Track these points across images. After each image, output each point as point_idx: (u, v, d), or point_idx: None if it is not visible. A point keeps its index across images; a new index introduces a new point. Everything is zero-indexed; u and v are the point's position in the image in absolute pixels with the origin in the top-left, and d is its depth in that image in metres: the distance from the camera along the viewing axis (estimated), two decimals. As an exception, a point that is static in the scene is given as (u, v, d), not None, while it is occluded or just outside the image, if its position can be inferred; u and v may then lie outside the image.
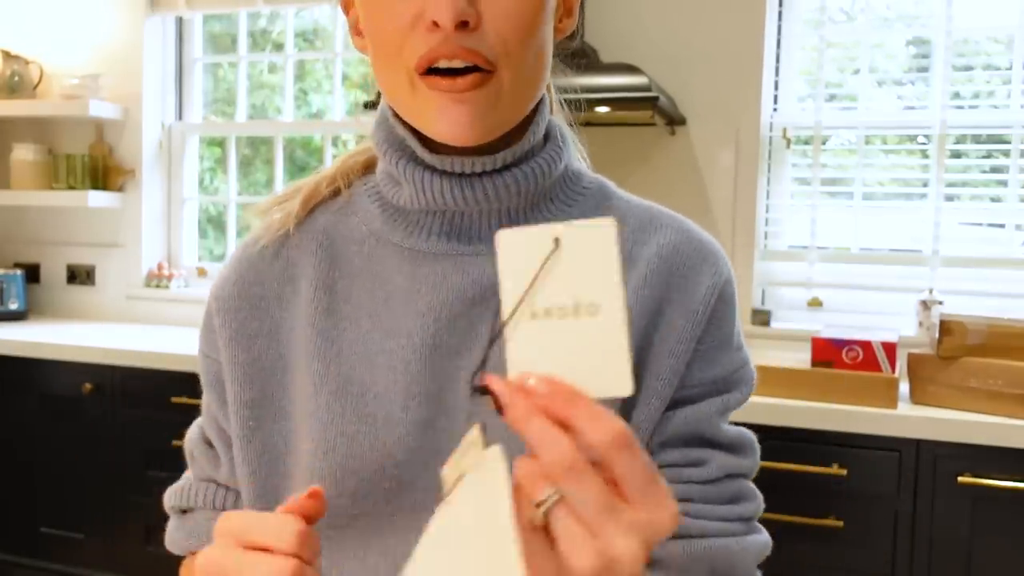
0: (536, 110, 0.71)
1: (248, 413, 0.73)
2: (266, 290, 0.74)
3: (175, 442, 2.82)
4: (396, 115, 0.71)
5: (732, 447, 0.71)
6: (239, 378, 0.73)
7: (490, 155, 0.68)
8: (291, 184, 0.79)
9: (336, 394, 0.69)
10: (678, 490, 0.68)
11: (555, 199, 0.72)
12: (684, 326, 0.69)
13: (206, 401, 0.78)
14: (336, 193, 0.77)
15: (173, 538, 0.83)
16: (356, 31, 0.71)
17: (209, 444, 0.79)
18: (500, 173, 0.68)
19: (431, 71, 0.63)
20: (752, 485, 0.74)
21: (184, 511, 0.82)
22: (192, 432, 0.81)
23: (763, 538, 0.72)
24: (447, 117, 0.64)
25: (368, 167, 0.78)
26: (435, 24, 0.60)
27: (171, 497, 0.83)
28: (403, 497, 0.68)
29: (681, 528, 0.63)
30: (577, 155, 0.78)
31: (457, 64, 0.62)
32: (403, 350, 0.69)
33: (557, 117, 0.78)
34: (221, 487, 0.79)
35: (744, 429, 0.74)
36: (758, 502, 0.73)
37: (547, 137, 0.73)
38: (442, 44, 0.61)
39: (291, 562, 0.50)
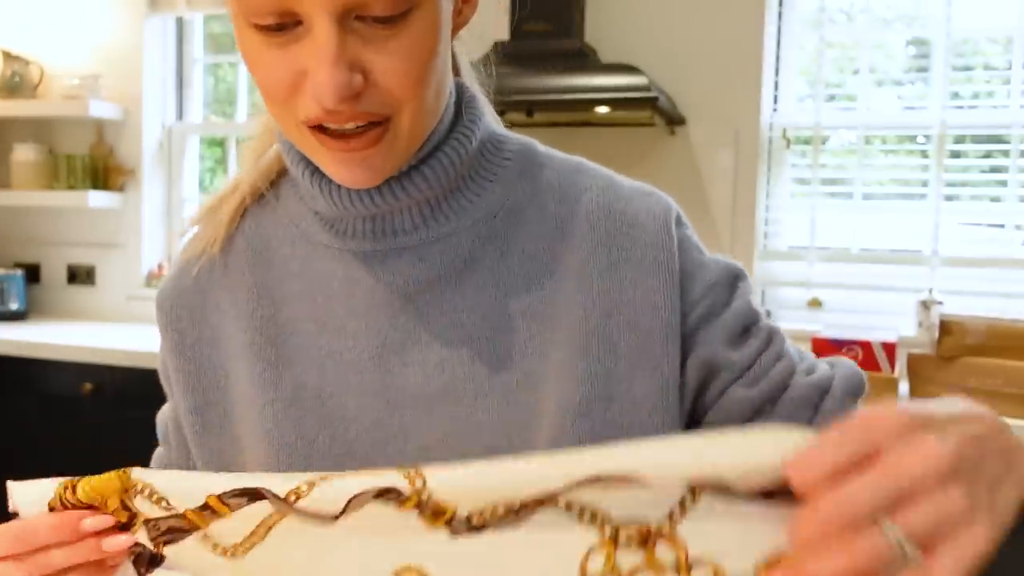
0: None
1: (193, 419, 0.73)
2: (205, 299, 0.74)
3: (175, 442, 2.80)
4: None
5: (767, 338, 0.70)
6: (183, 386, 0.73)
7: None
8: (217, 193, 0.77)
9: (292, 400, 0.68)
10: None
11: (476, 176, 0.69)
12: (657, 287, 0.67)
13: (168, 401, 0.80)
14: (260, 195, 0.75)
15: None
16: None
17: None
18: (410, 171, 0.66)
19: (319, 130, 0.59)
20: (788, 347, 0.73)
21: None
22: (163, 414, 0.82)
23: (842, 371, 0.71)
24: (344, 171, 0.62)
25: (283, 170, 0.75)
26: (323, 108, 0.57)
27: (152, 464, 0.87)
28: None
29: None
30: (494, 119, 0.74)
31: (348, 127, 0.59)
32: (350, 351, 0.68)
33: (467, 80, 0.72)
34: (178, 467, 0.81)
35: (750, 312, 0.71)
36: (794, 351, 0.73)
37: (457, 109, 0.69)
38: (329, 114, 0.57)
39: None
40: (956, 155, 2.57)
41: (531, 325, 0.67)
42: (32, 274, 3.41)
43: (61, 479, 0.62)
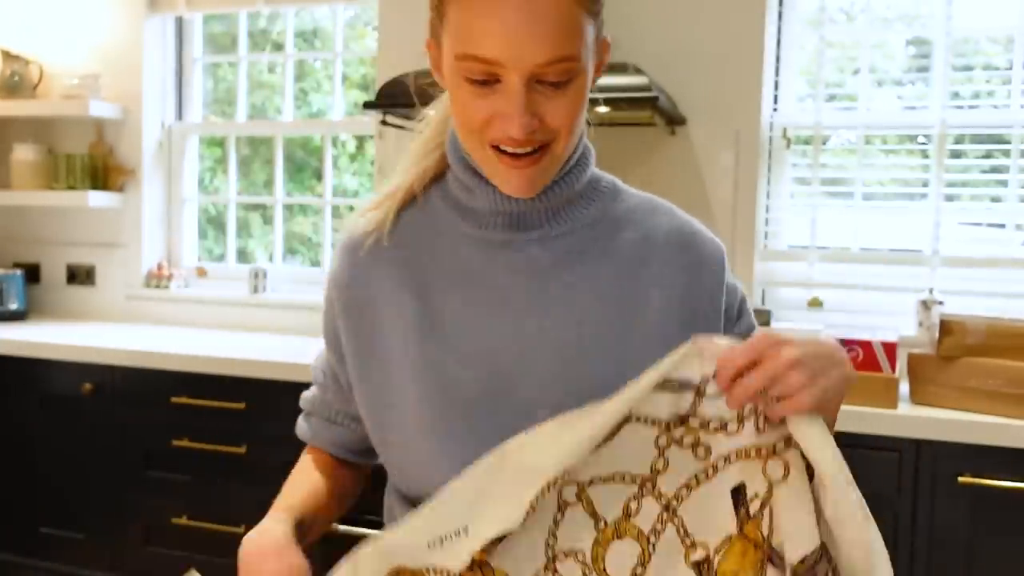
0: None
1: (358, 363, 0.96)
2: (371, 271, 0.96)
3: (175, 442, 2.82)
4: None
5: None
6: (351, 341, 0.96)
7: None
8: (379, 193, 1.01)
9: (437, 350, 0.91)
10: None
11: (584, 195, 0.97)
12: (716, 295, 0.97)
13: (325, 352, 1.03)
14: (414, 196, 0.99)
15: (300, 430, 1.11)
16: (436, 69, 0.91)
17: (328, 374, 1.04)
18: (547, 189, 0.92)
19: (499, 150, 0.85)
20: None
21: (308, 413, 1.10)
22: (318, 360, 1.06)
23: None
24: (510, 181, 0.88)
25: (435, 176, 1.00)
26: (510, 135, 0.83)
27: (302, 401, 1.11)
28: (500, 412, 0.90)
29: None
30: (594, 163, 1.00)
31: (520, 151, 0.85)
32: (486, 314, 0.92)
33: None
34: (331, 407, 1.06)
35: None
36: None
37: (579, 158, 0.96)
38: (511, 140, 0.84)
39: None
40: (956, 155, 2.56)
41: (622, 304, 0.93)
42: (32, 274, 3.41)
43: None
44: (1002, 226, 2.54)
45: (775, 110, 2.66)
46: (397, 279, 0.95)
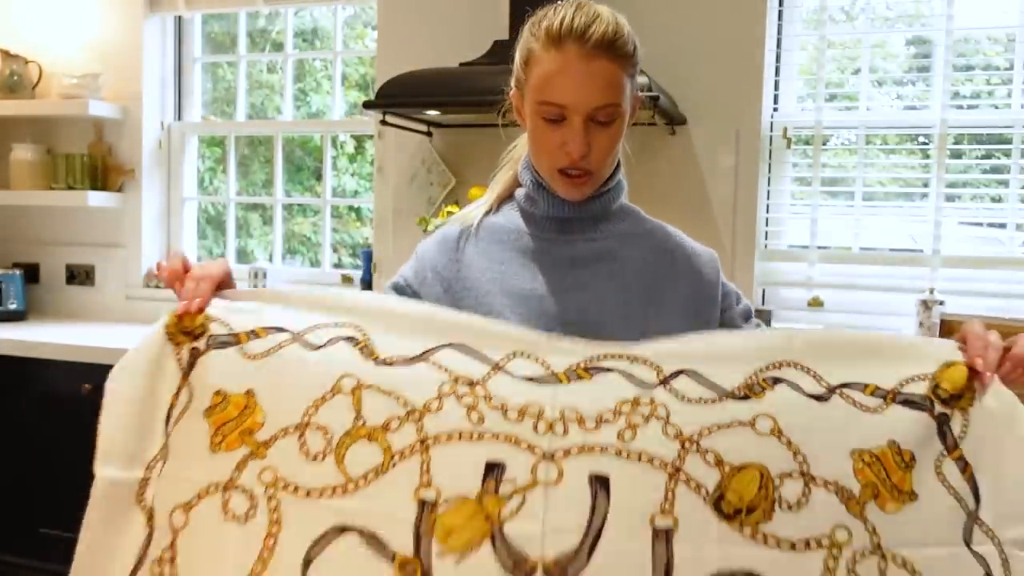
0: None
1: (448, 301, 1.24)
2: (462, 256, 1.27)
3: (174, 442, 2.77)
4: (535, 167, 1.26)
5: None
6: (440, 299, 1.24)
7: None
8: (472, 204, 1.35)
9: (508, 299, 1.22)
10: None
11: (615, 216, 1.28)
12: (712, 296, 1.29)
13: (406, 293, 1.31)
14: (491, 208, 1.34)
15: None
16: (518, 112, 1.24)
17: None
18: (590, 201, 1.25)
19: (561, 171, 1.19)
20: None
21: None
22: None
23: None
24: (568, 192, 1.22)
25: (510, 191, 1.33)
26: (570, 155, 1.16)
27: None
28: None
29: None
30: (625, 196, 1.32)
31: (574, 172, 1.18)
32: (538, 291, 1.22)
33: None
34: None
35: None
36: None
37: (614, 172, 1.27)
38: (571, 166, 1.17)
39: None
40: (956, 155, 2.56)
41: (640, 296, 1.22)
42: (31, 274, 3.41)
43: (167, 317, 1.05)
44: (1002, 226, 2.54)
45: (775, 110, 2.66)
46: (478, 267, 1.26)
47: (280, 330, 1.01)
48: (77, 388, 2.68)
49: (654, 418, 0.90)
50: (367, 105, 2.58)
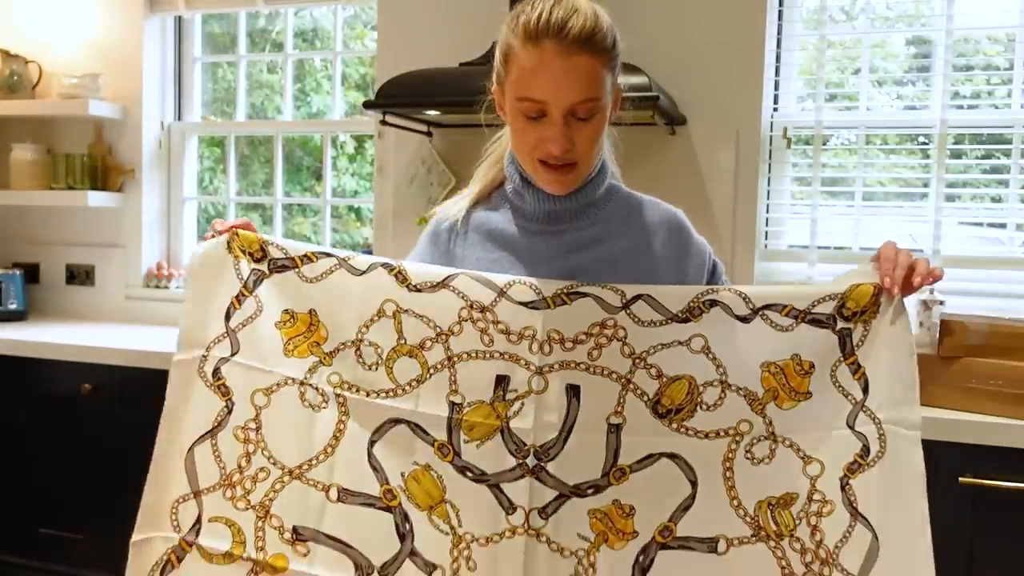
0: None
1: None
2: (452, 242, 1.33)
3: (175, 442, 2.76)
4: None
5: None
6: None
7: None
8: (460, 192, 1.38)
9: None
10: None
11: (600, 202, 1.30)
12: (698, 265, 1.34)
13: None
14: (480, 198, 1.36)
15: None
16: (500, 108, 1.25)
17: None
18: (574, 193, 1.27)
19: (543, 163, 1.20)
20: None
21: None
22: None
23: None
24: (551, 184, 1.24)
25: (495, 185, 1.36)
26: (551, 152, 1.17)
27: None
28: None
29: None
30: (612, 174, 1.34)
31: (557, 164, 1.19)
32: (528, 278, 1.23)
33: (607, 153, 1.34)
34: None
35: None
36: None
37: (598, 172, 1.29)
38: (553, 157, 1.18)
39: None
40: (956, 155, 2.56)
41: (631, 275, 1.23)
42: (31, 274, 3.41)
43: (225, 236, 1.29)
44: (1003, 226, 2.54)
45: (775, 110, 2.66)
46: (474, 253, 1.30)
47: (327, 255, 1.27)
48: (77, 388, 2.68)
49: (615, 339, 1.17)
50: (367, 105, 2.58)
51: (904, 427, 1.11)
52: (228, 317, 1.26)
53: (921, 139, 2.61)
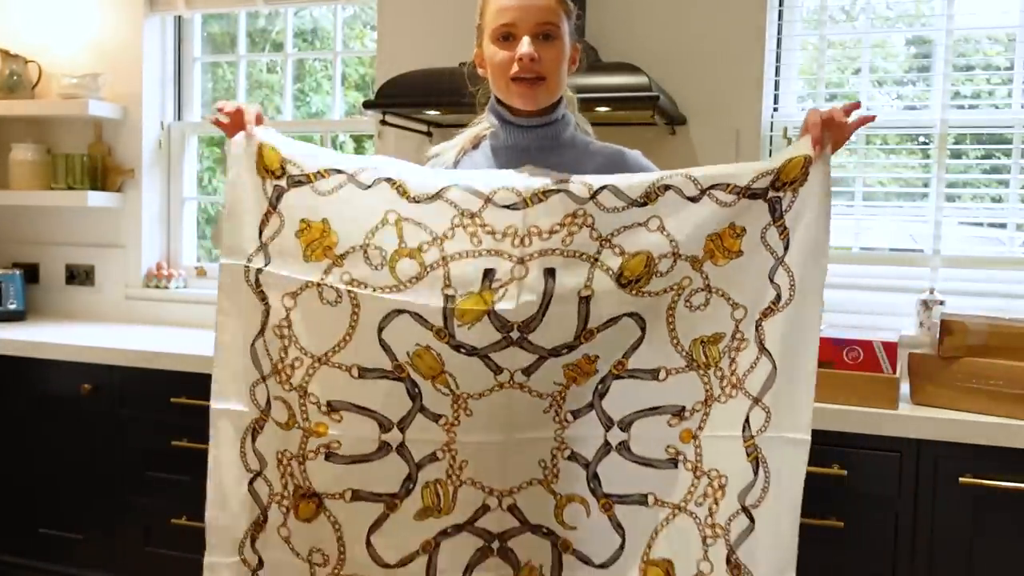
0: (560, 100, 1.54)
1: None
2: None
3: (175, 442, 2.81)
4: (498, 101, 1.53)
5: None
6: None
7: (538, 117, 1.52)
8: (459, 134, 1.62)
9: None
10: None
11: (565, 145, 1.54)
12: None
13: None
14: (466, 147, 1.61)
15: None
16: (480, 64, 1.55)
17: None
18: (542, 128, 1.52)
19: (516, 79, 1.46)
20: None
21: None
22: None
23: None
24: (523, 97, 1.48)
25: (474, 141, 1.60)
26: (521, 59, 1.43)
27: None
28: None
29: None
30: (577, 126, 1.59)
31: (528, 76, 1.45)
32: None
33: (571, 106, 1.59)
34: None
35: None
36: None
37: (563, 116, 1.55)
38: (523, 70, 1.44)
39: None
40: (957, 155, 2.56)
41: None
42: (31, 274, 3.41)
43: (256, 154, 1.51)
44: (1003, 226, 2.54)
45: (775, 110, 2.66)
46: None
47: (338, 172, 1.45)
48: (77, 388, 2.68)
49: (585, 226, 1.37)
50: (367, 105, 2.58)
51: (810, 282, 1.36)
52: (261, 232, 1.46)
53: (921, 139, 2.61)
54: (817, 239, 1.35)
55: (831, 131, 1.35)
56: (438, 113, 2.65)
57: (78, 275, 3.40)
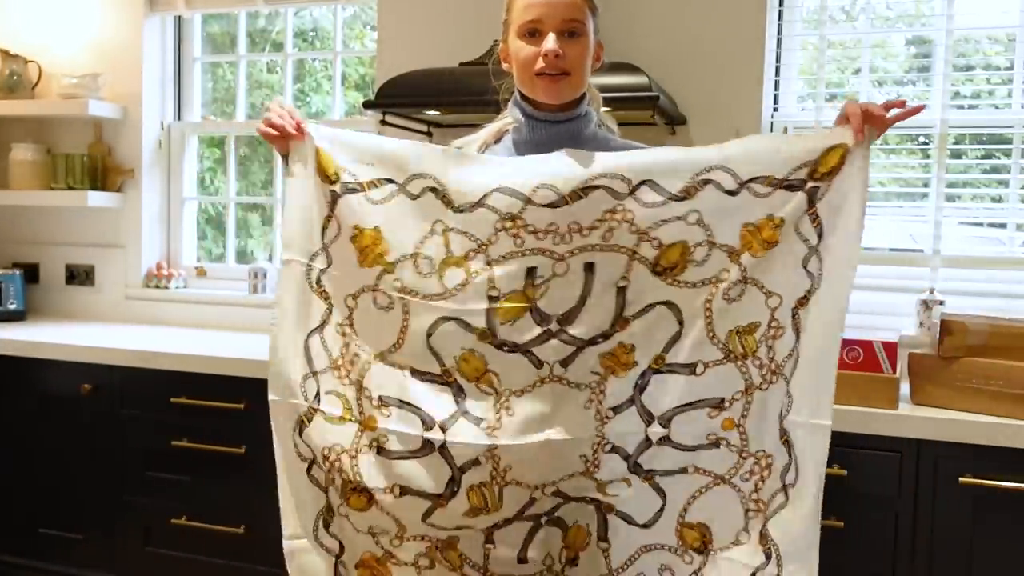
0: (583, 96, 1.55)
1: None
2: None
3: (174, 442, 2.81)
4: (522, 96, 1.54)
5: None
6: None
7: (562, 112, 1.53)
8: (482, 128, 1.61)
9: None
10: None
11: (587, 141, 1.53)
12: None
13: None
14: (489, 142, 1.61)
15: None
16: (505, 59, 1.56)
17: None
18: (564, 123, 1.54)
19: (541, 74, 1.47)
20: None
21: None
22: None
23: None
24: (547, 93, 1.49)
25: (501, 133, 1.60)
26: (547, 54, 1.45)
27: None
28: None
29: None
30: (600, 123, 1.61)
31: (553, 72, 1.47)
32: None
33: (595, 103, 1.62)
34: None
35: None
36: None
37: (586, 112, 1.57)
38: (548, 66, 1.46)
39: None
40: (957, 155, 2.56)
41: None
42: (31, 274, 3.41)
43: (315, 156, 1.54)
44: (1003, 226, 2.54)
45: (775, 110, 2.66)
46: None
47: (390, 181, 1.50)
48: (77, 388, 2.68)
49: (624, 222, 1.40)
50: (367, 105, 2.58)
51: (841, 272, 1.41)
52: (323, 235, 1.52)
53: (921, 139, 2.61)
54: (853, 229, 1.38)
55: (871, 123, 1.37)
56: (438, 113, 2.65)
57: (78, 275, 3.40)
